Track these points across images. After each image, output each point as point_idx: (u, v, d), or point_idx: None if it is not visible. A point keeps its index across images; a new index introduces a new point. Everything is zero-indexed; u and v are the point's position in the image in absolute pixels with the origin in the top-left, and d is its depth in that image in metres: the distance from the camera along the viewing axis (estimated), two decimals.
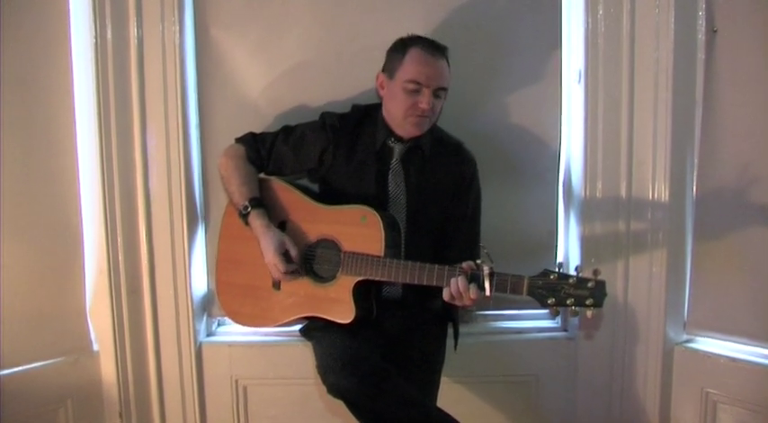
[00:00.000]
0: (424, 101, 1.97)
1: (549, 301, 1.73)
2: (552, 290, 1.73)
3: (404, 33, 2.06)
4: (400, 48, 2.02)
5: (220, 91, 2.37)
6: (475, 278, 1.79)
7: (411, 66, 1.98)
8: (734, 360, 2.20)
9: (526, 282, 1.75)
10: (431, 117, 2.02)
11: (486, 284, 1.76)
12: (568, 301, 1.71)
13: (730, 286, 2.23)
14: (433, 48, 2.00)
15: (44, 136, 2.22)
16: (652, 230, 2.30)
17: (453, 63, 2.06)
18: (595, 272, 1.71)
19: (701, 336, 2.33)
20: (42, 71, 2.20)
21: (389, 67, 2.04)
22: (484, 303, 1.90)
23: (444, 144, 2.16)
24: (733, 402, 2.21)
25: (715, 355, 2.25)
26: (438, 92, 2.00)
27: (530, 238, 2.44)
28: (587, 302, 1.70)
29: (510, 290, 1.77)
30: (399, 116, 2.02)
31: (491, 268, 1.77)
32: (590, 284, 1.70)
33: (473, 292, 1.79)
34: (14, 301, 2.18)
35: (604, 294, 1.70)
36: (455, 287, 1.81)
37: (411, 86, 1.97)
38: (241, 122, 2.28)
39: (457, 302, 1.84)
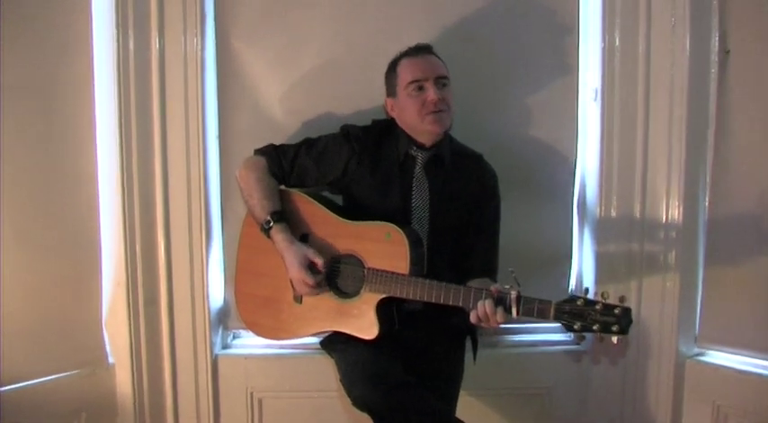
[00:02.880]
0: (431, 92, 2.01)
1: (575, 327, 1.72)
2: (579, 315, 1.72)
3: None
4: (392, 67, 2.11)
5: (240, 102, 2.37)
6: (502, 301, 1.79)
7: (404, 72, 2.05)
8: (745, 373, 2.23)
9: (553, 307, 1.75)
10: (447, 111, 2.04)
11: (513, 309, 1.77)
12: (595, 327, 1.70)
13: (741, 300, 2.26)
14: (416, 50, 2.08)
15: (64, 146, 2.21)
16: (665, 246, 2.33)
17: (469, 77, 2.14)
18: (622, 299, 1.71)
19: (712, 349, 2.36)
20: (64, 81, 2.19)
21: (390, 89, 2.11)
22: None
23: (464, 156, 2.19)
24: (744, 415, 2.24)
25: (726, 368, 2.28)
26: (440, 81, 2.04)
27: (544, 253, 2.46)
28: (614, 329, 1.68)
29: (537, 314, 1.76)
30: (416, 120, 2.04)
31: (519, 292, 1.77)
32: (617, 311, 1.69)
33: (500, 315, 1.79)
34: (31, 313, 2.17)
35: (630, 321, 1.69)
36: (482, 310, 1.81)
37: (413, 87, 2.02)
38: (261, 133, 2.29)
39: (483, 325, 1.85)
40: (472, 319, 1.84)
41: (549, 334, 2.51)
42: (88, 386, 2.30)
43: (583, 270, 2.49)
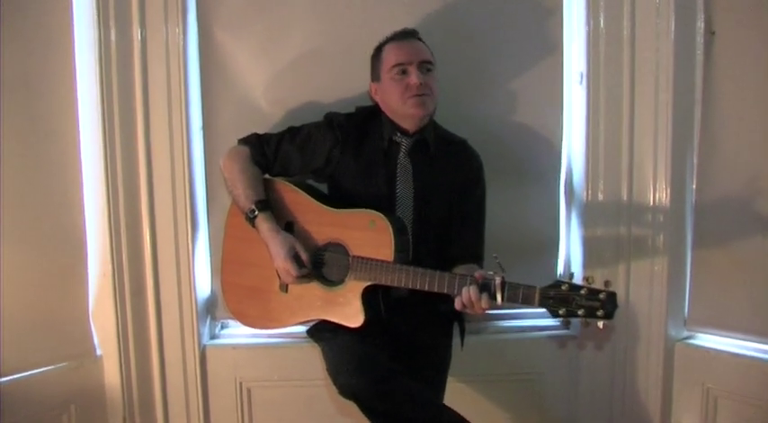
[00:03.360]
0: (413, 76, 2.01)
1: (560, 312, 1.72)
2: (563, 301, 1.71)
3: None
4: (377, 51, 2.12)
5: (224, 92, 2.36)
6: (486, 287, 1.78)
7: (389, 56, 2.06)
8: (734, 356, 2.24)
9: (538, 293, 1.74)
10: (429, 94, 2.04)
11: (498, 295, 1.75)
12: (579, 312, 1.70)
13: (730, 283, 2.26)
14: (401, 34, 2.08)
15: (47, 138, 2.20)
16: (653, 229, 2.33)
17: (453, 63, 2.14)
18: (606, 283, 1.70)
19: (702, 332, 2.36)
20: (45, 74, 2.18)
21: (374, 73, 2.12)
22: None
23: (449, 141, 2.18)
24: (734, 398, 2.25)
25: (715, 351, 2.29)
26: (424, 66, 2.04)
27: (532, 238, 2.45)
28: (598, 314, 1.68)
29: (521, 300, 1.76)
30: (399, 104, 2.04)
31: (503, 278, 1.76)
32: (601, 296, 1.68)
33: (485, 301, 1.78)
34: (17, 305, 2.16)
35: (615, 306, 1.68)
36: (467, 296, 1.80)
37: (396, 71, 2.03)
38: (245, 123, 2.27)
39: (468, 311, 1.84)
40: (457, 305, 1.83)
41: (538, 319, 2.51)
42: (76, 378, 2.30)
43: (571, 255, 2.48)
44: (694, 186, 2.31)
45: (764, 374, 2.17)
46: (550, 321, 2.50)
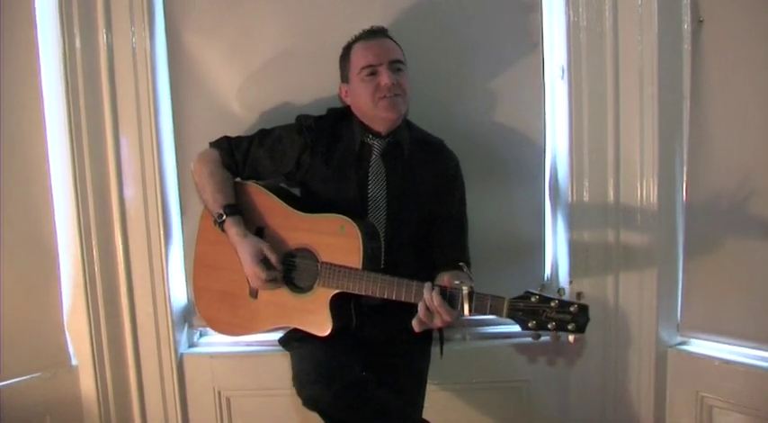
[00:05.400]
0: (384, 77, 1.95)
1: (529, 325, 1.65)
2: (533, 313, 1.65)
3: None
4: (345, 52, 2.06)
5: (194, 96, 2.31)
6: (452, 298, 1.72)
7: (357, 57, 1.99)
8: (729, 363, 2.13)
9: (506, 304, 1.67)
10: (401, 95, 1.98)
11: (465, 305, 1.70)
12: (549, 326, 1.63)
13: (724, 287, 2.16)
14: (370, 33, 2.02)
15: (14, 148, 2.17)
16: (642, 230, 2.22)
17: (429, 60, 2.07)
18: (579, 295, 1.64)
19: (696, 338, 2.26)
20: (10, 83, 2.15)
21: (344, 75, 2.06)
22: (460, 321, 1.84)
23: (424, 143, 2.11)
24: (729, 406, 2.14)
25: (710, 357, 2.18)
26: (394, 65, 1.97)
27: (517, 240, 2.37)
28: (569, 327, 1.62)
29: (489, 311, 1.70)
30: (369, 106, 1.98)
31: (471, 287, 1.70)
32: (572, 308, 1.62)
33: (445, 312, 1.72)
34: None
35: (587, 319, 1.62)
36: (430, 303, 1.73)
37: (366, 73, 1.97)
38: (217, 127, 2.22)
39: (435, 321, 1.76)
40: (420, 313, 1.76)
41: None
42: (52, 388, 2.28)
43: (558, 256, 2.39)
44: (685, 183, 2.20)
45: (762, 382, 2.07)
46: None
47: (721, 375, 2.14)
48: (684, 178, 2.20)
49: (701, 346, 2.24)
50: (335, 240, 1.92)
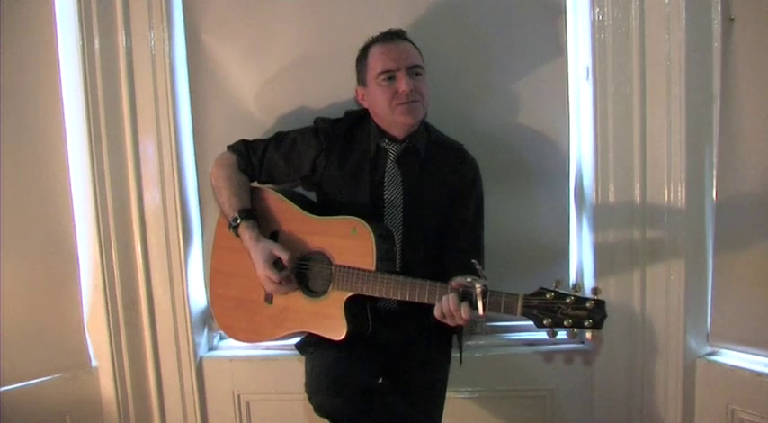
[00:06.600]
0: (402, 83, 1.91)
1: (544, 322, 1.61)
2: (548, 310, 1.61)
3: None
4: (362, 54, 2.01)
5: (213, 98, 2.32)
6: (467, 296, 1.68)
7: (375, 61, 1.94)
8: (762, 375, 2.03)
9: (520, 301, 1.63)
10: (420, 100, 1.94)
11: (479, 303, 1.65)
12: (565, 323, 1.59)
13: (756, 294, 2.05)
14: (388, 36, 1.97)
15: (34, 150, 2.20)
16: (669, 235, 2.14)
17: (451, 61, 2.02)
18: (595, 290, 1.59)
19: (726, 348, 2.16)
20: (31, 85, 2.18)
21: (361, 77, 2.02)
22: (478, 320, 1.79)
23: (442, 147, 2.07)
24: (762, 421, 2.03)
25: (741, 369, 2.08)
26: (413, 70, 1.93)
27: (541, 244, 2.33)
28: (586, 324, 1.57)
29: (503, 309, 1.65)
30: (387, 111, 1.95)
31: (484, 285, 1.65)
32: (588, 304, 1.57)
33: (465, 311, 1.67)
34: (11, 318, 2.18)
35: (604, 315, 1.57)
36: (446, 305, 1.70)
37: (383, 78, 1.92)
38: (236, 129, 2.23)
39: (449, 322, 1.73)
40: (436, 313, 1.74)
41: None
42: (72, 389, 2.30)
43: (583, 261, 2.32)
44: (714, 187, 2.11)
45: None
46: (562, 334, 2.34)
47: (754, 388, 2.04)
48: (714, 181, 2.11)
49: (732, 356, 2.14)
50: (348, 242, 1.90)
